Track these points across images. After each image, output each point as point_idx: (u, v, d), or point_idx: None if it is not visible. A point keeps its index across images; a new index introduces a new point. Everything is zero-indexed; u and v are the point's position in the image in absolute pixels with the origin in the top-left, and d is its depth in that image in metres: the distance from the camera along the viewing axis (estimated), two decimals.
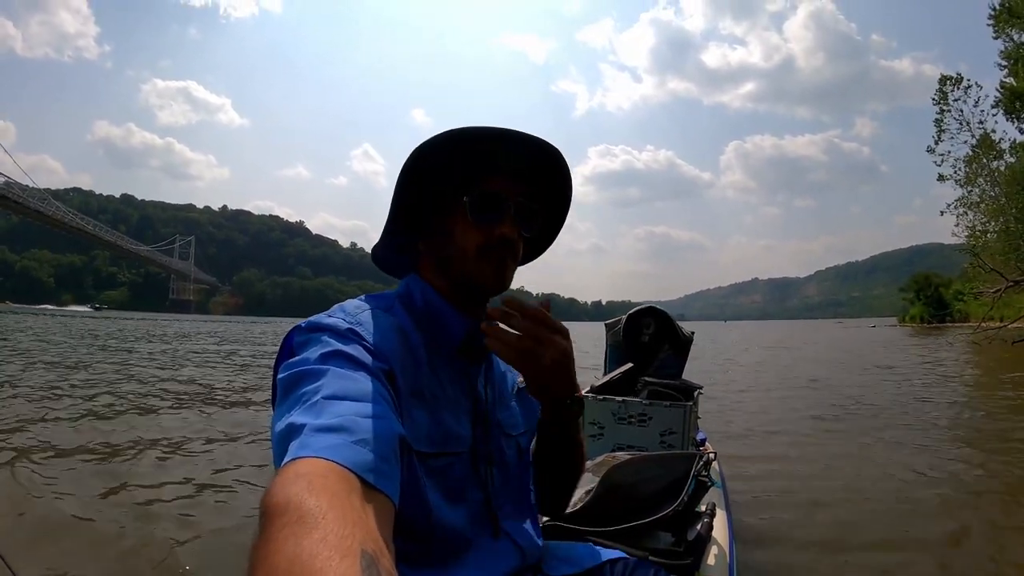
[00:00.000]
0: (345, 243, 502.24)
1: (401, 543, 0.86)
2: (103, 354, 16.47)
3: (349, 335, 0.98)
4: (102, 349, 18.54)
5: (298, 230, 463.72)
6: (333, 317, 1.03)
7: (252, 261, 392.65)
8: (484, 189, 1.15)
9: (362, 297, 1.15)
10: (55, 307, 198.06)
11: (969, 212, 43.54)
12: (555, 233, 1.36)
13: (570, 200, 1.30)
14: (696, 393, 3.43)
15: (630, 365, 3.50)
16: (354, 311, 1.06)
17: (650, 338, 3.62)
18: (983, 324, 27.30)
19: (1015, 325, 26.28)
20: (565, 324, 1.14)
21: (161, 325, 48.41)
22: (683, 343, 3.62)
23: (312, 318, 1.04)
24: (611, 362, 3.74)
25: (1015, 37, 37.75)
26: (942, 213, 44.94)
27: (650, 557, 1.65)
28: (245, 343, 25.61)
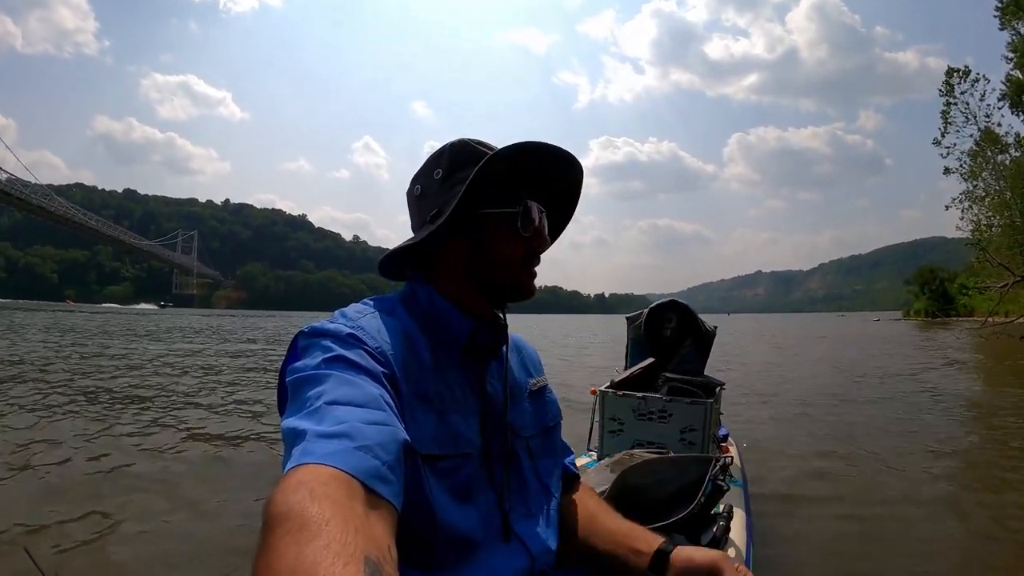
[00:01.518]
0: (348, 236, 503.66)
1: (407, 546, 0.88)
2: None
3: (350, 340, 0.98)
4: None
5: (301, 223, 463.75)
6: (335, 323, 1.03)
7: (255, 255, 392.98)
8: (528, 202, 1.16)
9: (364, 301, 1.15)
10: (120, 305, 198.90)
11: (974, 206, 43.67)
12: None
13: (572, 213, 1.34)
14: (718, 389, 3.38)
15: (651, 360, 3.45)
16: (355, 316, 1.06)
17: (672, 332, 3.58)
18: (990, 319, 27.31)
19: (1022, 320, 26.30)
20: (568, 317, 1.11)
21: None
22: (706, 338, 3.57)
23: (315, 323, 1.03)
24: (633, 356, 3.70)
25: (1022, 30, 37.69)
26: (947, 208, 45.11)
27: None
28: None
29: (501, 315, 1.27)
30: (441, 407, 1.07)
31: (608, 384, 3.37)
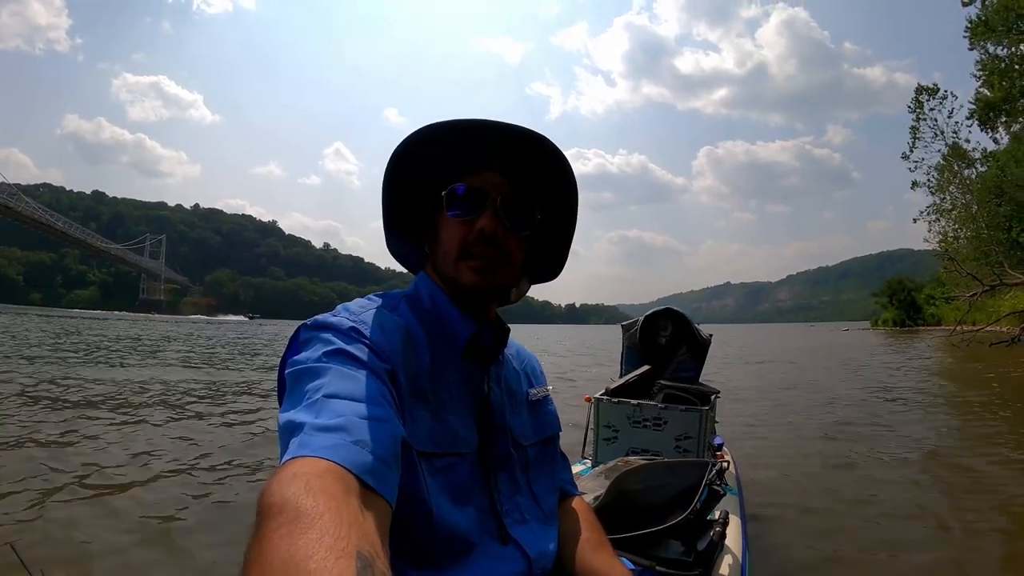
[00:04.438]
0: (318, 243, 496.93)
1: (403, 543, 0.93)
2: None
3: (352, 334, 0.98)
4: None
5: (271, 230, 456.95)
6: (337, 316, 1.03)
7: (224, 261, 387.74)
8: (464, 184, 1.13)
9: (369, 296, 1.14)
10: (207, 316, 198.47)
11: (941, 219, 44.81)
12: (568, 238, 1.33)
13: (576, 196, 1.26)
14: (713, 397, 3.37)
15: (647, 368, 3.44)
16: (358, 310, 1.06)
17: (667, 340, 3.57)
18: (959, 327, 27.92)
19: (990, 328, 26.93)
20: (539, 327, 1.08)
21: None
22: (701, 346, 3.57)
23: (317, 316, 1.04)
24: (627, 364, 3.69)
25: (991, 49, 38.59)
26: (915, 220, 46.30)
27: (657, 567, 1.64)
28: None
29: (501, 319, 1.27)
30: (438, 406, 1.07)
31: (603, 391, 3.35)
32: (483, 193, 1.12)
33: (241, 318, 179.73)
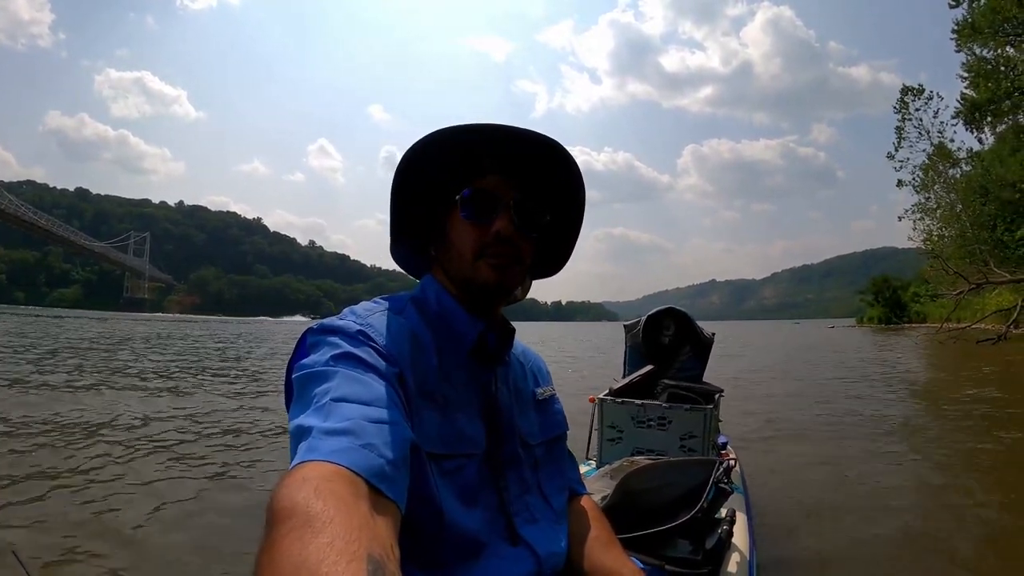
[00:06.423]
0: (303, 241, 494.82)
1: (412, 545, 0.91)
2: None
3: (359, 337, 0.98)
4: None
5: (256, 227, 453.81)
6: (344, 319, 1.02)
7: (209, 259, 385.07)
8: (477, 187, 1.14)
9: (375, 299, 1.14)
10: (272, 318, 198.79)
11: (926, 217, 45.23)
12: (573, 237, 1.34)
13: (583, 197, 1.27)
14: (717, 396, 3.37)
15: (650, 367, 3.43)
16: (364, 313, 1.05)
17: (670, 339, 3.57)
18: (945, 325, 28.21)
19: (977, 326, 27.20)
20: (526, 324, 1.07)
21: None
22: (704, 344, 3.56)
23: (324, 320, 1.03)
24: (630, 364, 3.69)
25: (977, 51, 38.85)
26: (900, 219, 46.73)
27: (666, 566, 1.63)
28: None
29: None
30: (446, 407, 1.06)
31: (607, 392, 3.34)
32: (496, 196, 1.13)
33: (302, 318, 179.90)
